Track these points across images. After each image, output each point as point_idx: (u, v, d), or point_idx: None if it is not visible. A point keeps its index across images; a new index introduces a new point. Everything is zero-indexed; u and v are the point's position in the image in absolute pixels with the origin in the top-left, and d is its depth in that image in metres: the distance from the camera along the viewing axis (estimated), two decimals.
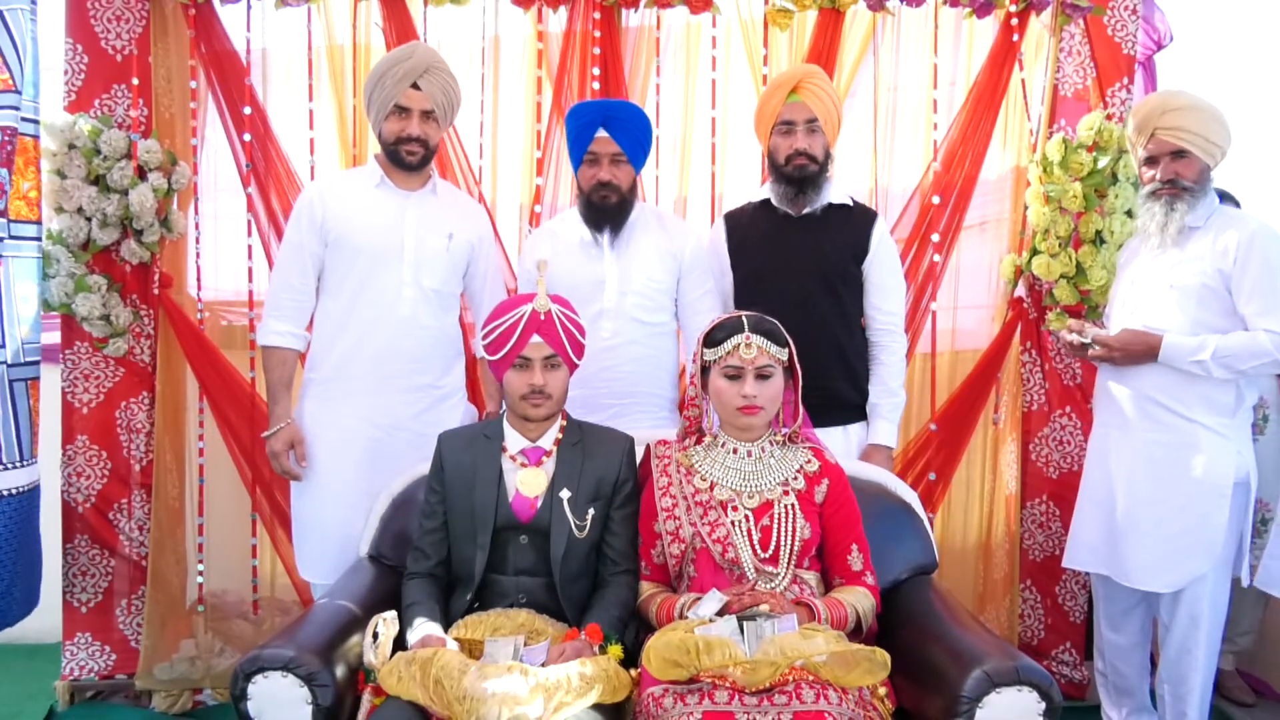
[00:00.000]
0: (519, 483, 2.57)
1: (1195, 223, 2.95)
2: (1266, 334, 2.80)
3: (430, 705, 2.14)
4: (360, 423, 3.02)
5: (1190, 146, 2.91)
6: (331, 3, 3.49)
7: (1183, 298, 2.92)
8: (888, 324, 3.17)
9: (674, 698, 2.15)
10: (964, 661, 2.21)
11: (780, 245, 3.17)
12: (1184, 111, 2.91)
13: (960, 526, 3.72)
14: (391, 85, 2.92)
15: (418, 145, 2.98)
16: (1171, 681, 3.03)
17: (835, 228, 3.12)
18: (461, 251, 3.10)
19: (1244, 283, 2.85)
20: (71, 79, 3.38)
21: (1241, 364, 2.84)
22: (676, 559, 2.52)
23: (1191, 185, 2.93)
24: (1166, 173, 2.95)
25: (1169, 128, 2.92)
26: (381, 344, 3.00)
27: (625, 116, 3.06)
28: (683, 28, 3.59)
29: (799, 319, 2.77)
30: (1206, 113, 2.92)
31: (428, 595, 2.54)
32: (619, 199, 3.06)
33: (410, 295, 3.01)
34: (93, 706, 3.54)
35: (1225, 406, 2.92)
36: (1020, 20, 3.44)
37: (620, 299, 3.09)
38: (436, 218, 3.07)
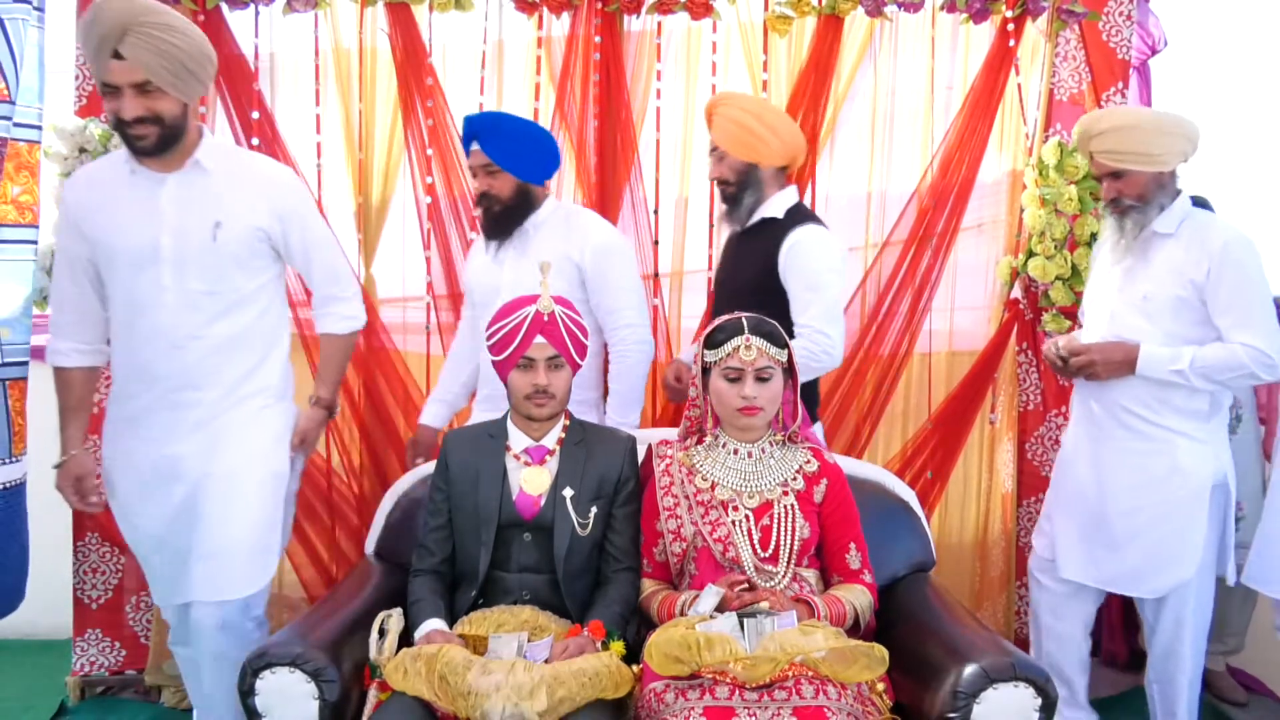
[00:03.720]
0: (522, 481, 2.60)
1: (1165, 229, 2.93)
2: (1243, 347, 2.79)
3: (435, 700, 2.17)
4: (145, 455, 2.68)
5: (1124, 165, 2.90)
6: (338, 8, 3.52)
7: (1156, 308, 2.91)
8: (806, 329, 2.99)
9: (675, 693, 2.19)
10: (961, 657, 2.24)
11: (727, 258, 3.29)
12: (1110, 134, 2.91)
13: (957, 524, 3.75)
14: (93, 61, 2.51)
15: (146, 126, 2.49)
16: (1160, 682, 3.07)
17: (760, 241, 3.10)
18: (241, 241, 2.63)
19: (1219, 295, 2.84)
20: (82, 84, 3.42)
21: (1219, 375, 2.84)
22: (678, 557, 2.56)
23: (1135, 202, 2.93)
24: (1109, 192, 2.98)
25: (1100, 151, 2.94)
26: (149, 361, 2.63)
27: (493, 128, 3.07)
28: (684, 33, 3.62)
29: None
30: (1137, 128, 2.90)
31: (432, 592, 2.57)
32: (501, 208, 3.08)
33: (172, 302, 2.60)
34: (103, 701, 3.57)
35: (1200, 412, 2.93)
36: (1016, 25, 3.47)
37: None
38: (201, 204, 2.61)
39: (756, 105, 3.22)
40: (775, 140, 3.09)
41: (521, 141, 3.08)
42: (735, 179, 3.12)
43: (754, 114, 3.11)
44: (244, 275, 2.67)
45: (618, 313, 3.09)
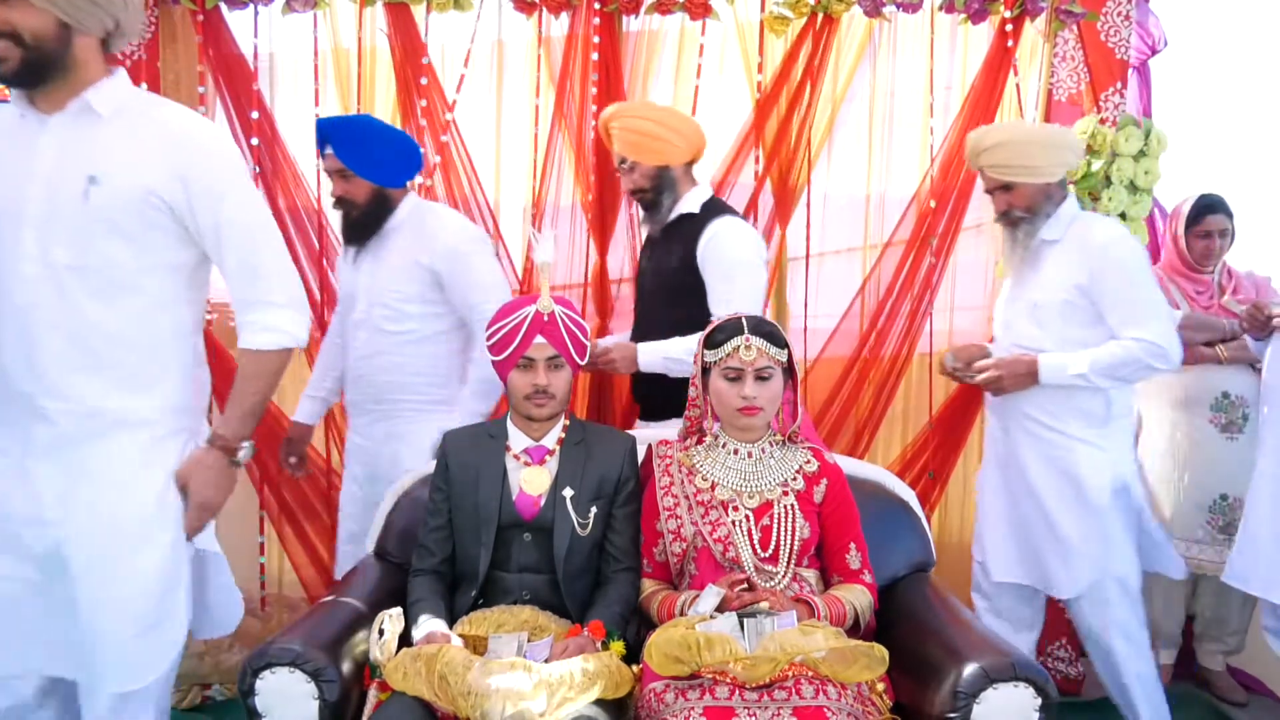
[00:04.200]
0: (522, 481, 2.61)
1: (1052, 235, 3.03)
2: (1135, 342, 2.89)
3: (435, 700, 2.17)
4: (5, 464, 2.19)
5: (1012, 178, 2.99)
6: (337, 8, 3.53)
7: (1046, 315, 3.00)
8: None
9: (675, 693, 2.19)
10: (961, 657, 2.24)
11: (646, 258, 3.29)
12: (998, 149, 2.99)
13: (958, 524, 3.75)
14: None
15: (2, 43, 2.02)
16: (1109, 682, 3.15)
17: (678, 238, 3.12)
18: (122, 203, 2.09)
19: (1105, 294, 2.93)
20: None
21: (1119, 372, 2.92)
22: (678, 557, 2.56)
23: (1024, 214, 3.01)
24: (1000, 204, 3.06)
25: (989, 165, 3.02)
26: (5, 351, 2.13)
27: (346, 133, 3.05)
28: (681, 34, 3.62)
29: (647, 327, 3.13)
30: (1022, 143, 2.99)
31: (432, 592, 2.57)
32: (358, 214, 3.09)
33: (30, 274, 2.09)
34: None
35: (1097, 417, 3.00)
36: (1015, 26, 3.47)
37: (369, 310, 3.14)
38: (81, 154, 2.10)
39: (651, 109, 3.25)
40: (678, 138, 3.10)
41: (376, 146, 3.06)
42: (650, 185, 3.13)
43: (651, 119, 3.13)
44: (126, 250, 2.11)
45: (477, 308, 3.03)
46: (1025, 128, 3.16)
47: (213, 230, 2.17)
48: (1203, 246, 3.55)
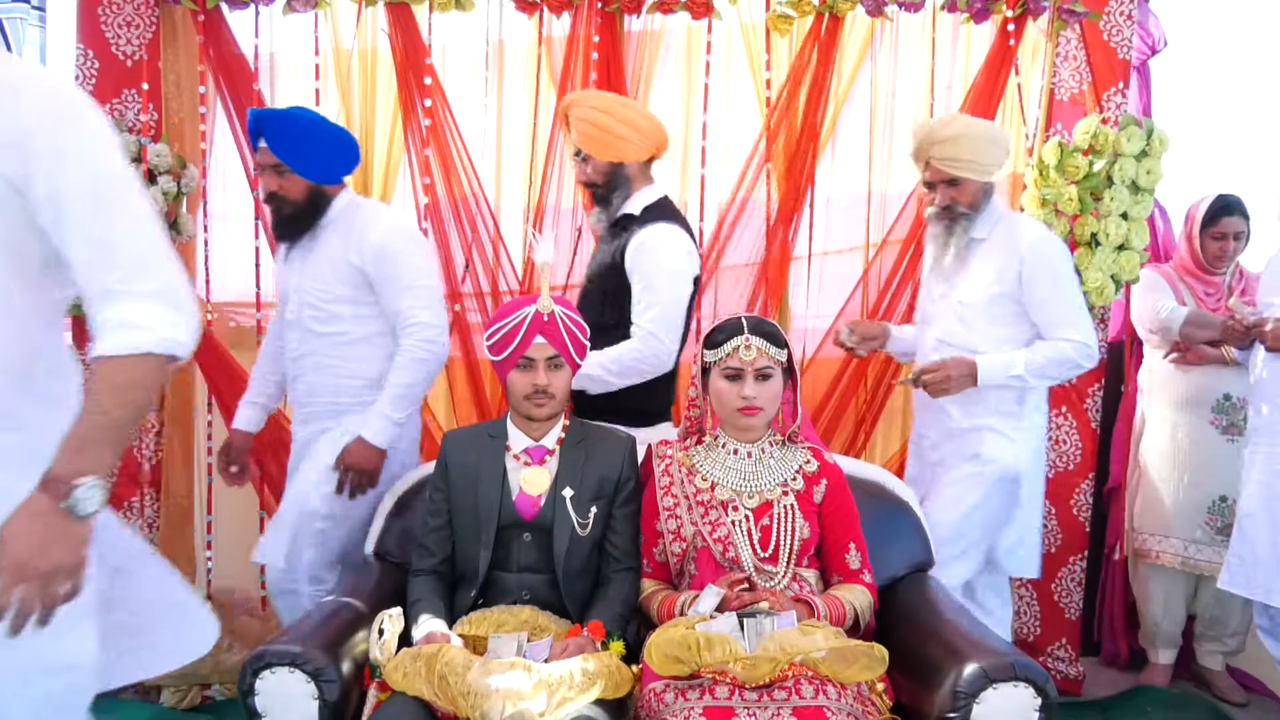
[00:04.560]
0: (522, 481, 2.60)
1: (981, 234, 3.04)
2: (1068, 343, 2.96)
3: (435, 700, 2.17)
4: None
5: (963, 173, 2.99)
6: (338, 8, 3.53)
7: (971, 313, 3.03)
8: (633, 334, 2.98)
9: (675, 693, 2.19)
10: (961, 657, 2.23)
11: (594, 256, 3.23)
12: (953, 141, 2.98)
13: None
14: None
15: None
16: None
17: (616, 238, 3.06)
18: None
19: (1034, 296, 2.98)
20: (82, 84, 3.42)
21: (1052, 371, 3.00)
22: (678, 557, 2.56)
23: (967, 210, 3.02)
24: (943, 199, 3.04)
25: (941, 158, 2.99)
26: None
27: (281, 126, 2.91)
28: (684, 33, 3.62)
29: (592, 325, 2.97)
30: (977, 137, 2.99)
31: (432, 592, 2.57)
32: (291, 210, 2.95)
33: None
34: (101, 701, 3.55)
35: (1010, 414, 3.06)
36: (1017, 25, 3.47)
37: (299, 310, 3.02)
38: None
39: (611, 103, 3.14)
40: (636, 135, 3.03)
41: (313, 141, 2.93)
42: (602, 180, 3.06)
43: (609, 112, 3.04)
44: None
45: (403, 313, 2.91)
46: (978, 122, 3.13)
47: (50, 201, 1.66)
48: (1217, 248, 3.54)
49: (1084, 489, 3.63)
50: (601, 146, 3.02)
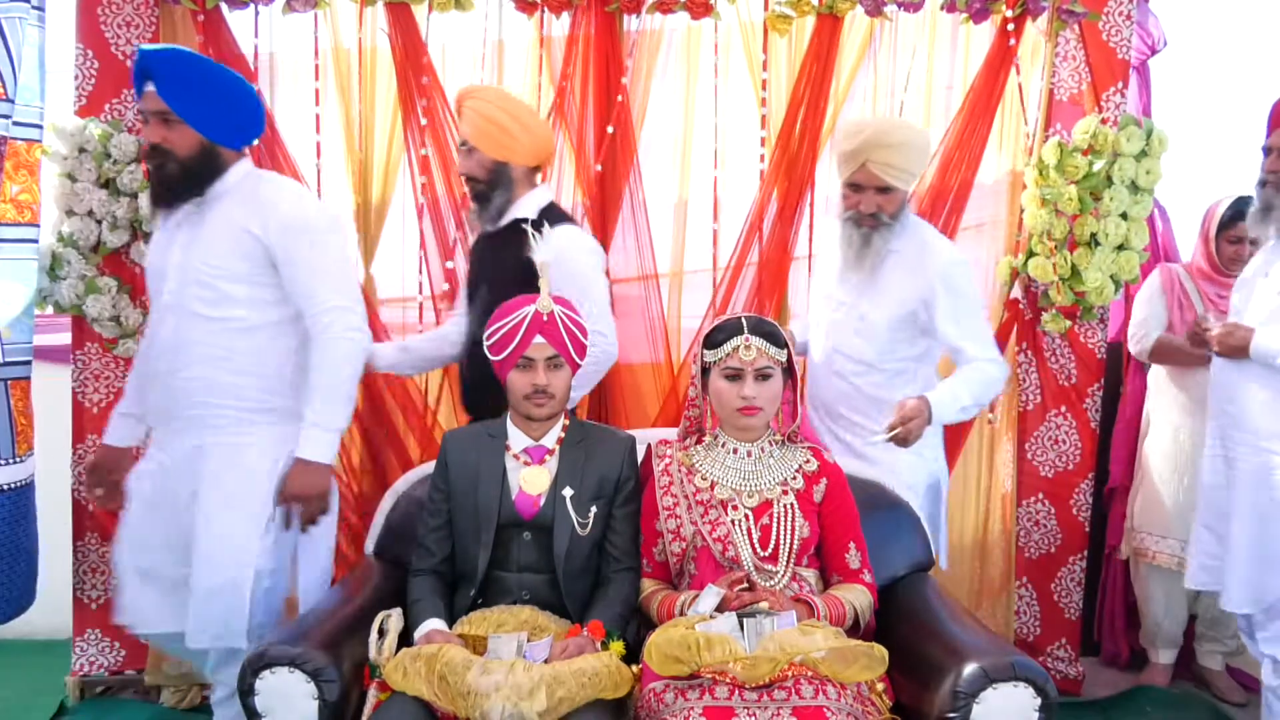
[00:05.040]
0: (522, 480, 2.61)
1: (894, 246, 2.96)
2: (989, 363, 2.90)
3: (435, 700, 2.17)
4: None
5: (897, 182, 2.90)
6: (338, 8, 3.52)
7: (876, 329, 2.95)
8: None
9: (675, 693, 2.20)
10: (960, 657, 2.25)
11: (477, 260, 3.15)
12: (898, 149, 2.88)
13: (957, 524, 3.74)
14: None
15: None
16: None
17: (514, 243, 2.89)
18: None
19: (946, 317, 2.90)
20: (82, 83, 3.42)
21: (986, 396, 2.96)
22: (677, 557, 2.56)
23: (890, 220, 2.93)
24: (869, 205, 2.92)
25: (881, 163, 2.87)
26: None
27: (169, 67, 2.58)
28: (684, 32, 3.61)
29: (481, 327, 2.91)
30: (916, 147, 2.93)
31: (432, 592, 2.57)
32: (176, 168, 2.62)
33: None
34: (102, 701, 3.58)
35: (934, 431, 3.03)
36: (1016, 25, 3.46)
37: (181, 290, 2.65)
38: None
39: (509, 101, 3.09)
40: (527, 138, 2.99)
41: (209, 89, 2.63)
42: (486, 176, 3.00)
43: (506, 110, 2.99)
44: None
45: (315, 297, 2.61)
46: (917, 131, 3.06)
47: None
48: (1233, 251, 3.52)
49: (1083, 489, 3.63)
50: (491, 142, 2.96)
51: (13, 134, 2.99)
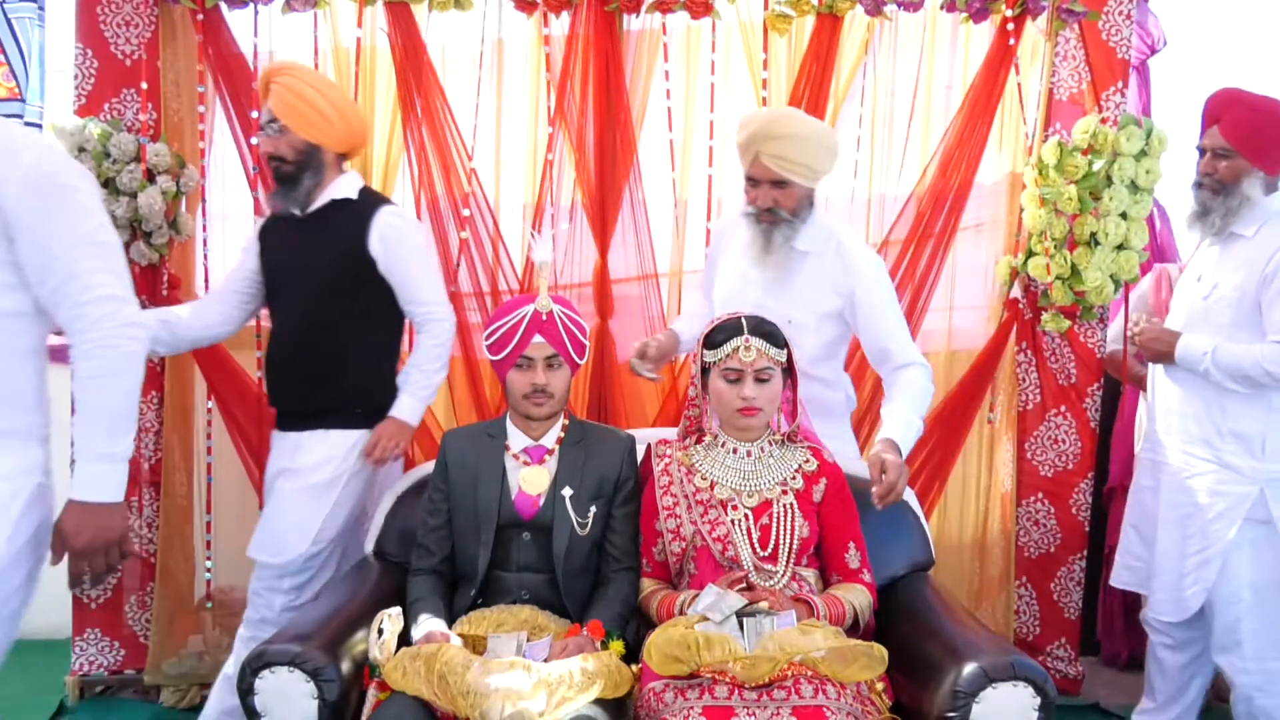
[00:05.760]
0: (521, 480, 2.61)
1: (806, 246, 2.89)
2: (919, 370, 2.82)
3: (434, 700, 2.18)
4: None
5: (793, 176, 2.79)
6: (337, 7, 3.52)
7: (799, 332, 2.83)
8: (427, 314, 2.95)
9: (674, 693, 2.20)
10: (960, 657, 2.25)
11: (281, 247, 3.01)
12: (789, 140, 2.78)
13: (956, 524, 3.75)
14: None
15: None
16: None
17: (333, 227, 2.91)
18: None
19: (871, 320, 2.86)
20: (81, 83, 3.42)
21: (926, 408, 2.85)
22: (677, 557, 2.56)
23: (789, 216, 2.84)
24: (765, 200, 2.82)
25: (773, 155, 2.77)
26: None
27: None
28: (684, 32, 3.61)
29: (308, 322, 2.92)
30: (812, 139, 2.82)
31: (432, 591, 2.58)
32: None
33: None
34: (102, 701, 3.58)
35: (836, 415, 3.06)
36: (1016, 25, 3.46)
37: None
38: None
39: (322, 82, 3.02)
40: (339, 120, 2.90)
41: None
42: (295, 158, 2.88)
43: (320, 90, 2.91)
44: None
45: (79, 278, 2.00)
46: (813, 124, 2.98)
47: None
48: None
49: (1083, 489, 3.63)
50: (302, 121, 2.86)
51: None
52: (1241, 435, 2.86)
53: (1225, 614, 2.91)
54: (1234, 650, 2.91)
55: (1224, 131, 2.87)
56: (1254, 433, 2.85)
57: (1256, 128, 2.85)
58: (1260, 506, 2.85)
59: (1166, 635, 3.13)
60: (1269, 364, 2.73)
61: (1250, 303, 2.81)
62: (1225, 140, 2.87)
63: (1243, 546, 2.86)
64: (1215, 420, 2.89)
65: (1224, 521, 2.87)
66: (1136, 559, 3.14)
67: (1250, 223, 2.88)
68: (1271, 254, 2.78)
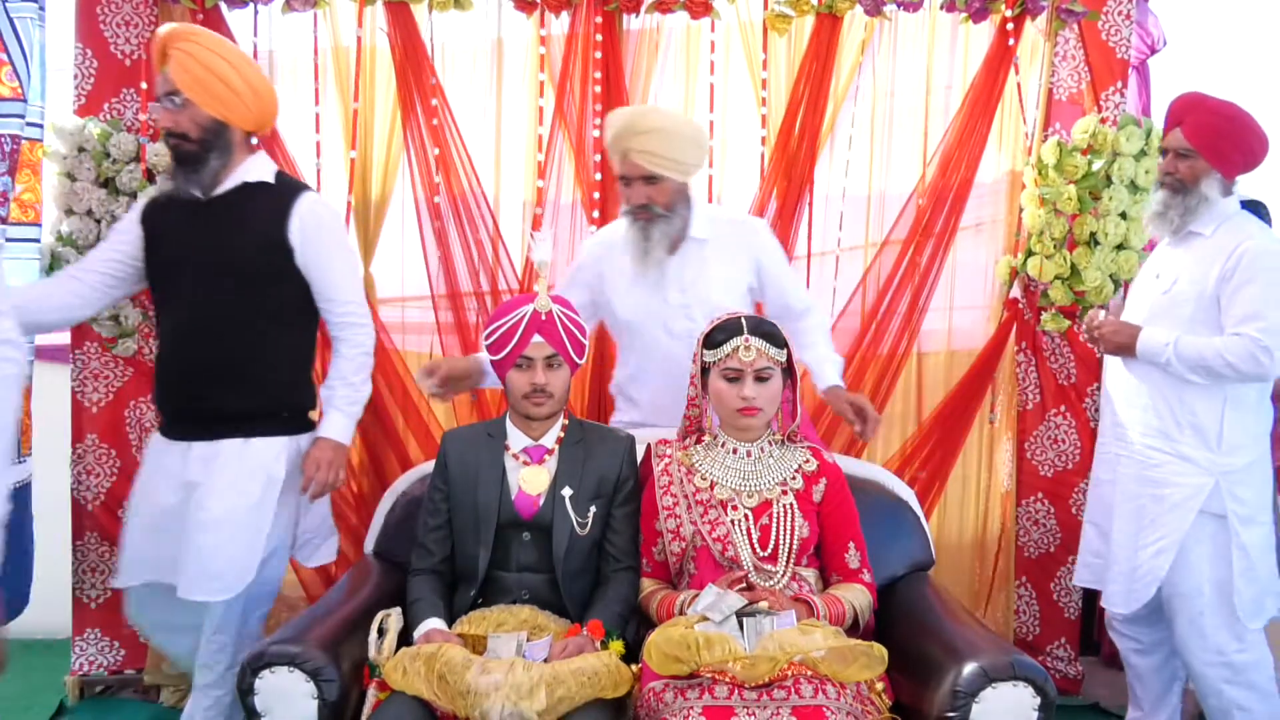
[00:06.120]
0: (521, 480, 2.61)
1: (701, 234, 2.92)
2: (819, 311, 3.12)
3: (434, 700, 2.17)
4: None
5: (663, 171, 2.79)
6: (337, 7, 3.52)
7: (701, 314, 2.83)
8: (345, 317, 2.79)
9: (674, 692, 2.19)
10: (960, 657, 2.25)
11: (180, 234, 2.72)
12: (655, 135, 2.78)
13: (956, 524, 3.76)
14: None
15: None
16: None
17: (248, 212, 2.69)
18: None
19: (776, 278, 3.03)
20: (81, 83, 3.42)
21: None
22: (677, 557, 2.56)
23: (664, 211, 2.84)
24: (639, 196, 2.83)
25: (641, 150, 2.78)
26: None
27: None
28: (683, 32, 3.61)
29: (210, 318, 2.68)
30: (678, 134, 2.84)
31: (432, 591, 2.57)
32: None
33: None
34: (102, 701, 3.58)
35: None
36: (1015, 25, 3.47)
37: None
38: None
39: (232, 52, 2.74)
40: (250, 95, 2.66)
41: None
42: (200, 135, 2.63)
43: (230, 62, 2.65)
44: None
45: None
46: (678, 118, 2.99)
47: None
48: None
49: (1083, 488, 3.61)
50: (208, 94, 2.61)
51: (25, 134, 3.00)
52: (1199, 427, 2.89)
53: (1188, 609, 2.93)
54: (1199, 645, 2.93)
55: (1186, 133, 2.93)
56: (1210, 425, 2.88)
57: (1217, 131, 2.90)
58: (1216, 498, 2.88)
59: (1134, 640, 3.15)
60: (1230, 355, 2.77)
61: (1209, 298, 2.86)
62: (1187, 142, 2.92)
63: (1202, 541, 2.89)
64: (1174, 412, 2.92)
65: (1180, 512, 2.90)
66: (1095, 556, 3.16)
67: (1209, 222, 2.92)
68: (1230, 251, 2.83)
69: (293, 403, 2.83)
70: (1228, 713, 2.94)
